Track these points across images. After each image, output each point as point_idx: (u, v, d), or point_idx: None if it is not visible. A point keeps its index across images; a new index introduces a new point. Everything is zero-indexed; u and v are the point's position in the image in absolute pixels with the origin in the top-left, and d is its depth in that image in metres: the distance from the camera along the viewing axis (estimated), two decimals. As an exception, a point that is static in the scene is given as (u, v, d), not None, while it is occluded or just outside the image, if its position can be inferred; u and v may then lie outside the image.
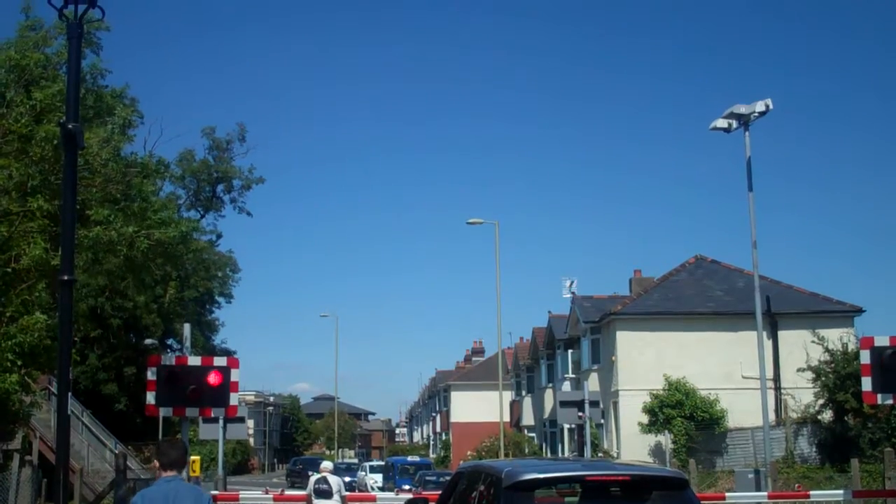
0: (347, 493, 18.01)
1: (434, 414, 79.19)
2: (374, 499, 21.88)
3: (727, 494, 16.32)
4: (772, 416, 29.39)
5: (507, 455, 41.46)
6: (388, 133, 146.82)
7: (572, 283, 43.64)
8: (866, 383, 13.48)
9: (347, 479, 37.96)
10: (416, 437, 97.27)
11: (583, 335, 39.54)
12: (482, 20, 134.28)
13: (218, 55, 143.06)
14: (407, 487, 32.79)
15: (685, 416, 32.86)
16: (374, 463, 53.70)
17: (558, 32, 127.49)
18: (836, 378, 27.20)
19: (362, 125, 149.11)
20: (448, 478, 14.67)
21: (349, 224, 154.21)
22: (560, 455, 40.48)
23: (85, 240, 15.05)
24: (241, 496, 15.97)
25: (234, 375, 12.53)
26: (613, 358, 35.83)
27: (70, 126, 8.81)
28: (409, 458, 48.88)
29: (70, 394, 9.04)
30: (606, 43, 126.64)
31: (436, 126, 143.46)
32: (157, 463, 7.05)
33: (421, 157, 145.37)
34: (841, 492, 16.25)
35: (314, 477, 17.46)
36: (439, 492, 11.33)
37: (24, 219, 15.62)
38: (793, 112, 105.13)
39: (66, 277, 8.81)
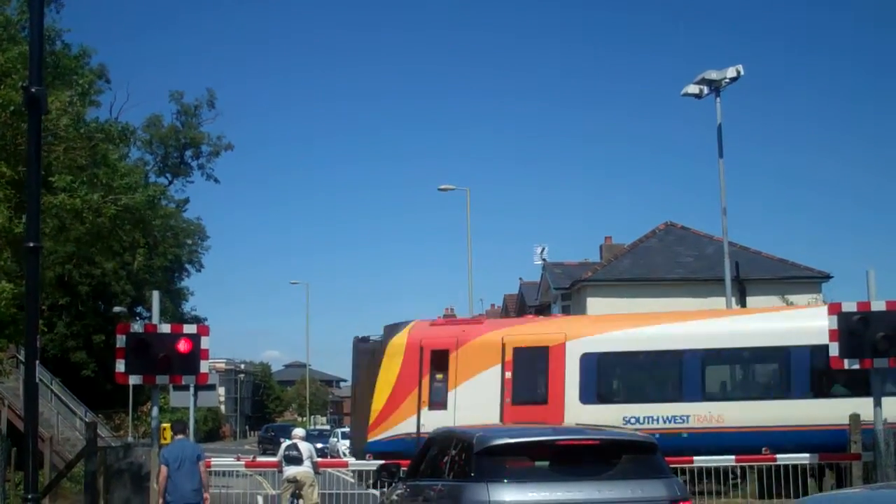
0: (319, 460, 18.02)
1: (406, 380, 79.35)
2: (346, 465, 21.90)
3: (695, 458, 16.48)
4: (739, 381, 29.71)
5: (478, 421, 41.70)
6: (359, 104, 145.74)
7: (543, 249, 43.81)
8: (833, 349, 13.64)
9: (319, 445, 38.09)
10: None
11: (553, 301, 39.73)
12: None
13: (189, 21, 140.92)
14: (379, 453, 32.90)
15: (654, 381, 33.18)
16: (347, 429, 53.85)
17: (526, 2, 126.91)
18: (803, 343, 27.48)
19: (335, 96, 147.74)
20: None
21: (319, 192, 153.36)
22: (531, 420, 40.80)
23: (50, 207, 14.83)
24: (212, 463, 15.89)
25: (205, 343, 12.46)
26: (584, 324, 36.04)
27: (34, 90, 8.61)
28: (381, 425, 48.98)
29: (38, 362, 8.95)
30: (575, 11, 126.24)
31: (407, 97, 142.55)
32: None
33: (392, 127, 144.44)
34: (807, 455, 16.45)
35: (285, 443, 17.45)
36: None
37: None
38: (764, 78, 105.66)
39: (31, 244, 8.67)
